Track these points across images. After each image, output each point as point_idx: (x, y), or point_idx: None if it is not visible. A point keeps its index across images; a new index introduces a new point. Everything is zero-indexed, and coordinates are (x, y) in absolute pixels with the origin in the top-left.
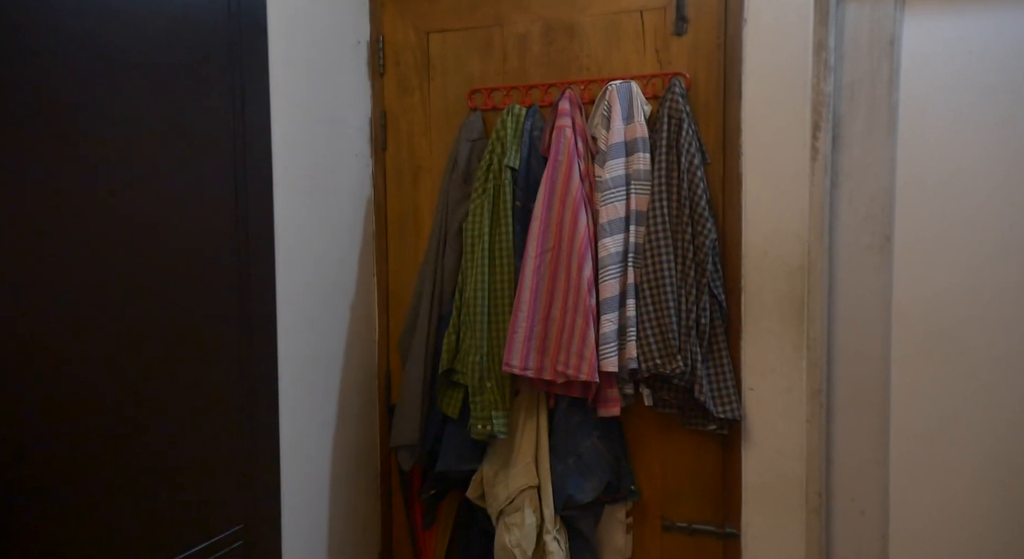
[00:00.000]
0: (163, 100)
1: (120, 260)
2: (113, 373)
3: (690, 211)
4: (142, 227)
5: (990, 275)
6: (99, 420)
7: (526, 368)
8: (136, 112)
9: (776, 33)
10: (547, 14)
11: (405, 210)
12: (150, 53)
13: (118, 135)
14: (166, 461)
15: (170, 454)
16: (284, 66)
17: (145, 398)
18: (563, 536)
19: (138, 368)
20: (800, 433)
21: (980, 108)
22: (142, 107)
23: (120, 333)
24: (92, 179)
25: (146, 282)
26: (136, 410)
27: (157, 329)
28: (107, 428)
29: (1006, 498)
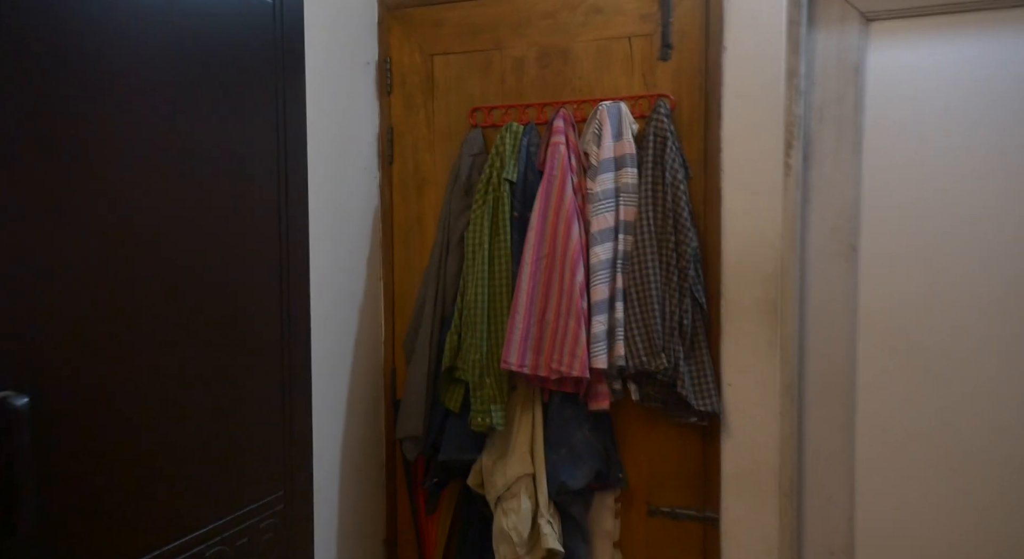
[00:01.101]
0: (222, 118)
1: (187, 263)
2: (185, 363)
3: (674, 222)
4: (213, 235)
5: (946, 281)
6: (179, 398)
7: (523, 365)
8: (200, 130)
9: (752, 60)
10: (543, 40)
11: (410, 220)
12: (209, 74)
13: (191, 147)
14: (227, 431)
15: (229, 426)
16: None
17: (216, 378)
18: (556, 520)
19: (208, 356)
20: (774, 425)
21: (938, 127)
22: (205, 127)
23: (191, 335)
24: (174, 202)
25: (212, 281)
26: (205, 392)
27: (219, 323)
28: (184, 404)
29: (960, 485)
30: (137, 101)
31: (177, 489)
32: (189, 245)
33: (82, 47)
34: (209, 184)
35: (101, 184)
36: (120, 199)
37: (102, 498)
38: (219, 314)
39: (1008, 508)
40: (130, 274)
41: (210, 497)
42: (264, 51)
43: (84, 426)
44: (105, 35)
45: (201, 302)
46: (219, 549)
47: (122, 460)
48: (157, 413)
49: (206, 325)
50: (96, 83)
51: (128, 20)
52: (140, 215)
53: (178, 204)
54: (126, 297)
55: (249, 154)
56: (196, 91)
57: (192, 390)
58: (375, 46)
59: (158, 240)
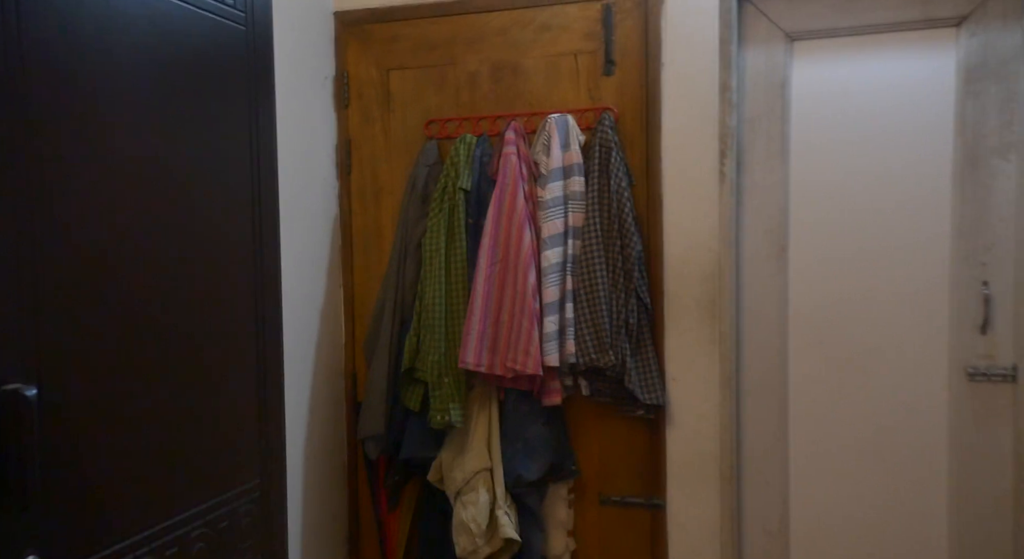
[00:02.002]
0: (201, 133)
1: (172, 268)
2: (169, 351)
3: (619, 226)
4: (195, 241)
5: (868, 279)
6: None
7: (479, 365)
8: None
9: (688, 75)
10: (495, 55)
11: (368, 227)
12: (189, 80)
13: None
14: (207, 424)
15: (209, 419)
16: None
17: (197, 374)
18: (513, 511)
19: (195, 351)
20: (715, 416)
21: (856, 137)
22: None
23: (177, 335)
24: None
25: (194, 284)
26: (191, 387)
27: (201, 324)
28: (165, 395)
29: (882, 465)
30: (123, 118)
31: (165, 475)
32: (173, 252)
33: (68, 70)
34: (190, 194)
35: (91, 195)
36: (110, 208)
37: (101, 480)
38: (200, 316)
39: (923, 484)
40: (120, 279)
41: (193, 483)
42: (237, 71)
43: (85, 416)
44: (92, 58)
45: (185, 304)
46: (202, 531)
47: (118, 447)
48: (147, 407)
49: (190, 326)
50: (85, 102)
51: (114, 45)
52: (131, 226)
53: (163, 214)
54: (118, 300)
55: (226, 165)
56: (177, 108)
57: (175, 386)
58: (332, 61)
59: (146, 248)
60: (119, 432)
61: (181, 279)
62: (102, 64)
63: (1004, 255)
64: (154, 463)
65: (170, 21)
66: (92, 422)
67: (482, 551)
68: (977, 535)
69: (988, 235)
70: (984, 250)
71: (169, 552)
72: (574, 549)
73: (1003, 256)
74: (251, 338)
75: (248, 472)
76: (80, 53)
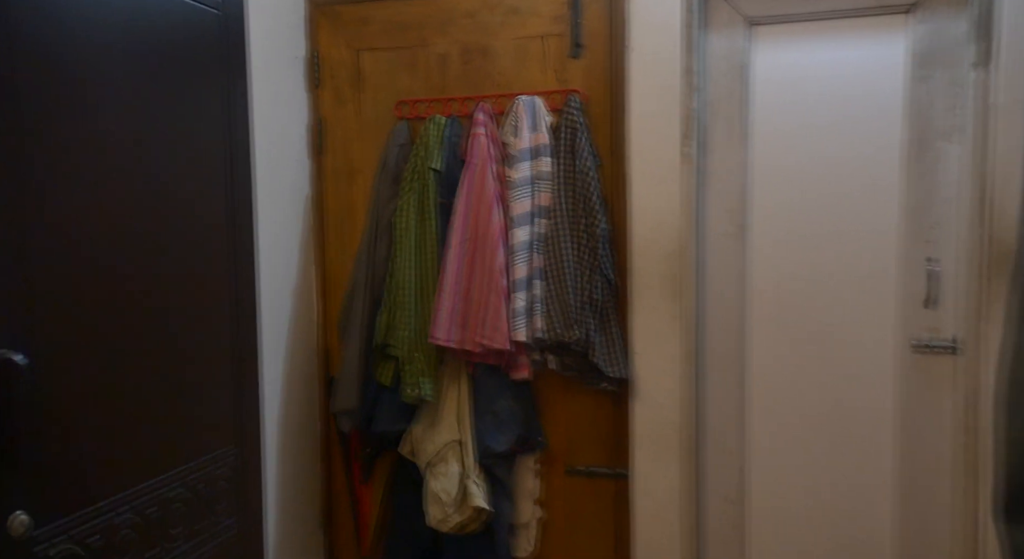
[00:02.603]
0: (178, 115)
1: (152, 245)
2: (150, 332)
3: (585, 206)
4: (173, 218)
5: (820, 257)
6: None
7: (450, 340)
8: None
9: (653, 59)
10: (464, 38)
11: (341, 207)
12: (162, 59)
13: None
14: (186, 393)
15: (187, 388)
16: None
17: (176, 346)
18: (482, 481)
19: (174, 325)
20: (677, 388)
21: (813, 119)
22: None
23: (157, 309)
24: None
25: (173, 261)
26: (170, 359)
27: (181, 299)
28: (148, 369)
29: (834, 433)
30: (102, 98)
31: (145, 439)
32: (152, 228)
33: (52, 53)
34: (166, 172)
35: (75, 173)
36: (93, 187)
37: (86, 442)
38: (177, 290)
39: (872, 450)
40: (103, 255)
41: (172, 447)
42: (211, 54)
43: (71, 383)
44: (73, 42)
45: (162, 278)
46: (181, 492)
47: (101, 412)
48: (127, 376)
49: (167, 300)
50: (68, 85)
51: (94, 29)
52: (111, 204)
53: (141, 191)
54: (101, 275)
55: (201, 143)
56: (153, 89)
57: (154, 358)
58: (304, 42)
59: (126, 225)
60: (102, 398)
61: (159, 254)
62: (83, 47)
63: (948, 233)
64: (135, 427)
65: (146, 4)
66: (78, 388)
67: (452, 520)
68: (921, 496)
69: (934, 214)
70: (930, 229)
71: (149, 510)
72: (542, 517)
73: (947, 234)
74: (226, 312)
75: (224, 438)
76: (62, 37)
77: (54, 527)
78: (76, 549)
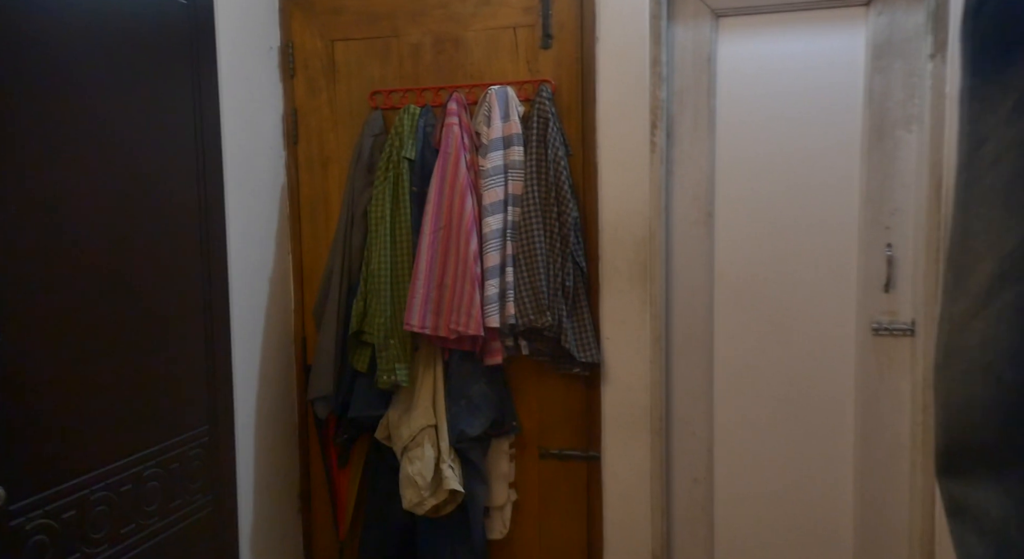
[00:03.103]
0: (146, 103)
1: (121, 231)
2: (129, 311)
3: (556, 194)
4: (142, 205)
5: (784, 243)
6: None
7: (424, 327)
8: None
9: (621, 50)
10: (437, 28)
11: (316, 196)
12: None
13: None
14: (158, 376)
15: (159, 372)
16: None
17: (148, 329)
18: (457, 465)
19: (145, 310)
20: (646, 371)
21: (777, 108)
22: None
23: (127, 293)
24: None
25: (143, 247)
26: (141, 343)
27: (152, 283)
28: (118, 347)
29: (797, 413)
30: (73, 83)
31: (119, 419)
32: (122, 215)
33: (26, 40)
34: (138, 159)
35: (45, 155)
36: (63, 169)
37: (61, 421)
38: (152, 275)
39: (833, 429)
40: (73, 238)
41: (146, 427)
42: (180, 43)
43: (44, 362)
44: (46, 30)
45: (134, 261)
46: (155, 470)
47: (74, 391)
48: (100, 358)
49: (140, 283)
50: (41, 71)
51: (66, 14)
52: (81, 187)
53: (111, 178)
54: (71, 256)
55: (171, 133)
56: (123, 78)
57: (126, 341)
58: (278, 31)
59: (100, 207)
60: (76, 378)
61: (130, 239)
62: (54, 34)
63: (906, 219)
64: (108, 407)
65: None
66: (51, 368)
67: (427, 503)
68: (879, 473)
69: (892, 201)
70: (888, 215)
71: (124, 488)
72: (516, 499)
73: (905, 221)
74: (198, 298)
75: (197, 419)
76: (35, 26)
77: (29, 502)
78: (51, 523)
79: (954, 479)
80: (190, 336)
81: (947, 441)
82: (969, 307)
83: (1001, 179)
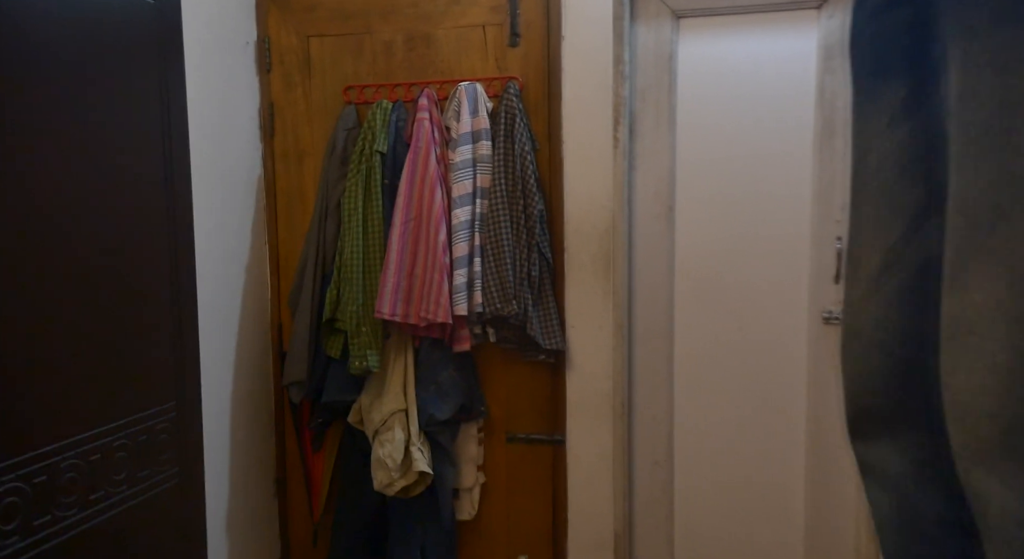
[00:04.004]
0: (113, 99)
1: (85, 214)
2: (93, 296)
3: (522, 187)
4: (108, 191)
5: (741, 236)
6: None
7: (394, 315)
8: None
9: (586, 48)
10: (408, 26)
11: (292, 188)
12: (89, 48)
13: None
14: (125, 350)
15: (126, 346)
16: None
17: (115, 311)
18: (426, 448)
19: (111, 293)
20: (609, 359)
21: (736, 108)
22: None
23: (94, 274)
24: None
25: (107, 231)
26: (107, 317)
27: (119, 266)
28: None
29: (752, 399)
30: (36, 74)
31: (86, 391)
32: (88, 200)
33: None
34: (104, 152)
35: (16, 152)
36: (27, 156)
37: (29, 390)
38: (119, 258)
39: (786, 414)
40: (39, 222)
41: (113, 400)
42: (148, 43)
43: (11, 332)
44: (9, 20)
45: (98, 245)
46: (123, 442)
47: (41, 362)
48: (67, 333)
49: (108, 270)
50: (4, 61)
51: (26, 18)
52: (48, 169)
53: (78, 169)
54: (39, 241)
55: (137, 129)
56: (89, 76)
57: (92, 320)
58: (253, 27)
59: (61, 196)
60: (42, 350)
61: (94, 223)
62: (18, 27)
63: None
64: (76, 380)
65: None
66: (17, 338)
67: (397, 484)
68: (829, 455)
69: (841, 196)
70: (839, 210)
71: (93, 457)
72: (484, 482)
73: None
74: (165, 283)
75: (164, 395)
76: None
77: (2, 466)
78: (23, 486)
79: (860, 442)
80: (157, 317)
81: (852, 409)
82: (863, 293)
83: (882, 185)
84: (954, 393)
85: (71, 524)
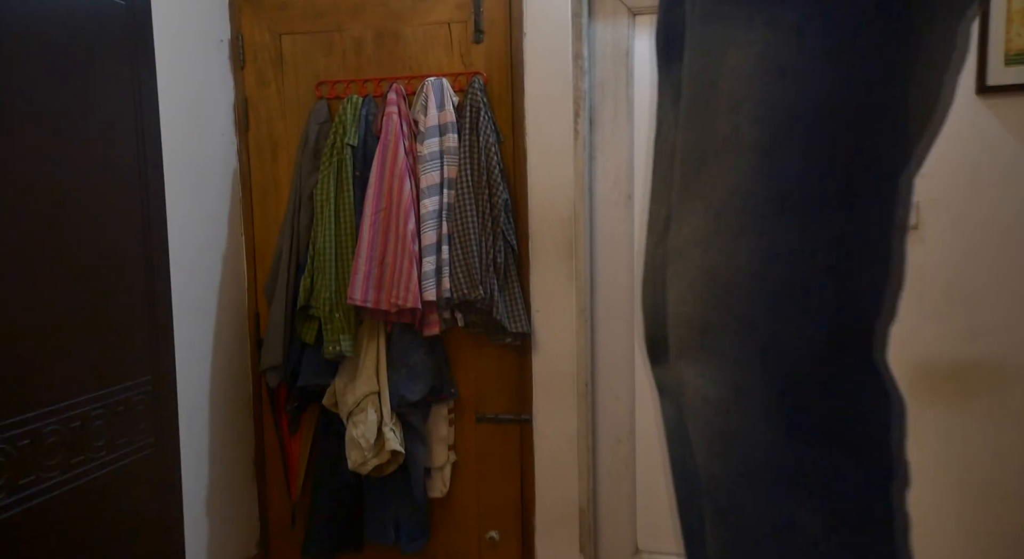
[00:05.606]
0: (87, 96)
1: (64, 199)
2: (69, 275)
3: (488, 178)
4: (85, 179)
5: None
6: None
7: (366, 301)
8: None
9: (547, 45)
10: (377, 23)
11: (266, 180)
12: (64, 41)
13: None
14: (103, 325)
15: (103, 323)
16: (160, 58)
17: (91, 289)
18: (398, 428)
19: (88, 275)
20: (572, 341)
21: None
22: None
23: (75, 259)
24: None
25: (84, 217)
26: (84, 296)
27: (95, 247)
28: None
29: None
30: (4, 82)
31: (65, 363)
32: (66, 187)
33: None
34: (80, 145)
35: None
36: (6, 157)
37: (14, 361)
38: (95, 245)
39: None
40: (22, 207)
41: (92, 372)
42: (120, 41)
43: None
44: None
45: (79, 235)
46: (101, 411)
47: (26, 336)
48: (46, 309)
49: (82, 250)
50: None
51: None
52: (26, 168)
53: (56, 160)
54: (26, 228)
55: (110, 123)
56: (61, 75)
57: (70, 298)
58: (227, 25)
59: (41, 185)
60: (25, 324)
61: (72, 204)
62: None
63: None
64: (57, 352)
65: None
66: (2, 313)
67: (370, 463)
68: None
69: None
70: None
71: (74, 424)
72: (455, 461)
73: None
74: (139, 262)
75: (141, 368)
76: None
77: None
78: (8, 448)
79: (654, 366)
80: (134, 296)
81: (647, 338)
82: (655, 241)
83: (668, 151)
84: (670, 305)
85: (54, 485)
